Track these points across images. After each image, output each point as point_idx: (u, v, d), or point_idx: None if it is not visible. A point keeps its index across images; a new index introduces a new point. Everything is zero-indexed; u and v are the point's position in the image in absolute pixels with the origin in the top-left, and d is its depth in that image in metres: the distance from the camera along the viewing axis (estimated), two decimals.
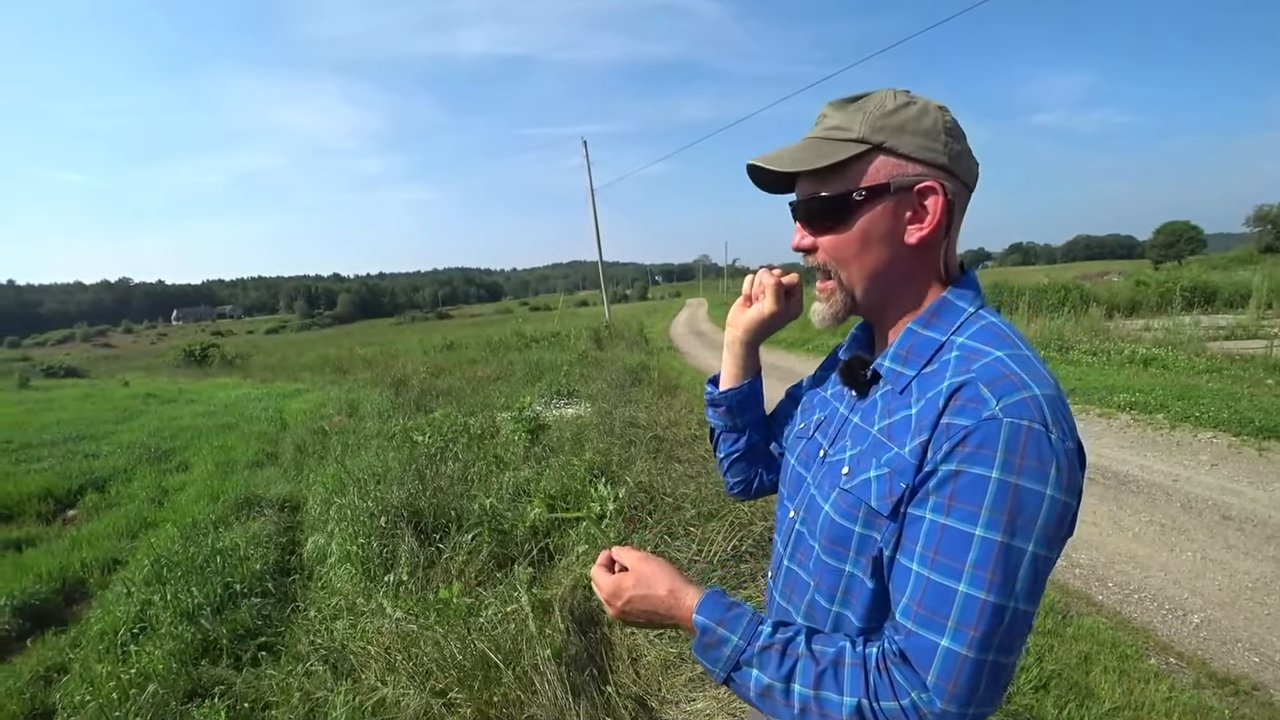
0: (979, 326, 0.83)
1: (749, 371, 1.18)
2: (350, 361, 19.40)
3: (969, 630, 0.70)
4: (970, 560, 0.70)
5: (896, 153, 0.82)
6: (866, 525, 0.82)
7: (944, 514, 0.73)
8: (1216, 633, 3.11)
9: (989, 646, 0.70)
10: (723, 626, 0.84)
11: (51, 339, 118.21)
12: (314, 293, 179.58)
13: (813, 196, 0.87)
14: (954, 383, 0.76)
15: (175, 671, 3.10)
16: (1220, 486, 4.69)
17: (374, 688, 2.65)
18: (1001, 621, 0.70)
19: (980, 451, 0.71)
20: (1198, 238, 60.12)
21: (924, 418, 0.77)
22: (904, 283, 0.88)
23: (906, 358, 0.85)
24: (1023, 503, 0.70)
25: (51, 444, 9.48)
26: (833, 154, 0.84)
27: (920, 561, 0.74)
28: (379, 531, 3.92)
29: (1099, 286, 18.48)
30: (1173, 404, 6.63)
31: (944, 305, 0.86)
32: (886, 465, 0.80)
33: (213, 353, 28.66)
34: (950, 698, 0.70)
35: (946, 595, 0.71)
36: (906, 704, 0.72)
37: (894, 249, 0.85)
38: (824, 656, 0.79)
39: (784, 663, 0.80)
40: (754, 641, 0.82)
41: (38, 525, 6.20)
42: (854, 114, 0.84)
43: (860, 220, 0.84)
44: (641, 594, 0.92)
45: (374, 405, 9.35)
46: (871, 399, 0.90)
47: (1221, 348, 9.23)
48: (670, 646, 2.77)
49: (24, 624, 4.21)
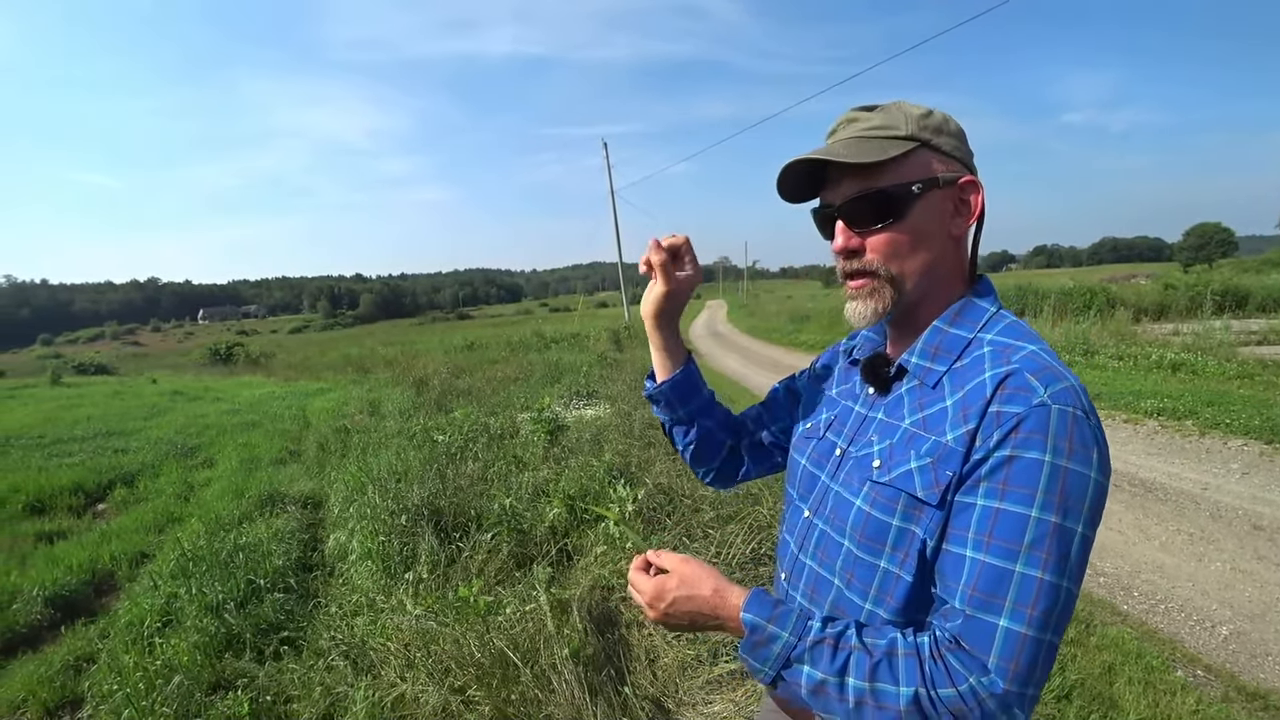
0: (1005, 325, 0.87)
1: (675, 358, 1.16)
2: (372, 361, 19.62)
3: (1027, 609, 0.72)
4: (1026, 541, 0.73)
5: (940, 150, 0.87)
6: (905, 518, 0.82)
7: (998, 498, 0.75)
8: (1246, 645, 3.04)
9: (1046, 626, 0.72)
10: (772, 624, 0.84)
11: (83, 337, 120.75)
12: (337, 293, 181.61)
13: (865, 192, 0.87)
14: (999, 372, 0.79)
15: (200, 664, 3.15)
16: (1251, 495, 4.59)
17: (393, 684, 2.68)
18: (1057, 600, 0.72)
19: (1033, 436, 0.74)
20: (1229, 240, 58.86)
21: (970, 406, 0.80)
22: (941, 279, 0.91)
23: (935, 354, 0.88)
24: (1072, 485, 0.73)
25: (82, 439, 9.69)
26: (886, 150, 0.85)
27: (974, 547, 0.76)
28: (399, 529, 3.96)
29: (1126, 289, 18.15)
30: (1202, 410, 6.51)
31: (968, 305, 0.90)
32: (929, 455, 0.81)
33: (238, 351, 29.15)
34: (1013, 677, 0.71)
35: (1003, 577, 0.73)
36: (965, 689, 0.72)
37: (941, 243, 0.89)
38: (877, 649, 0.78)
39: (837, 657, 0.79)
40: (805, 637, 0.82)
41: (69, 518, 6.34)
42: (892, 115, 0.88)
43: (916, 214, 0.86)
44: (686, 594, 0.91)
45: (395, 404, 9.45)
46: (895, 395, 0.91)
47: (1253, 353, 9.02)
48: (688, 648, 2.77)
49: (55, 614, 4.31)
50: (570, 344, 17.53)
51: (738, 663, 2.66)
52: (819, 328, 18.52)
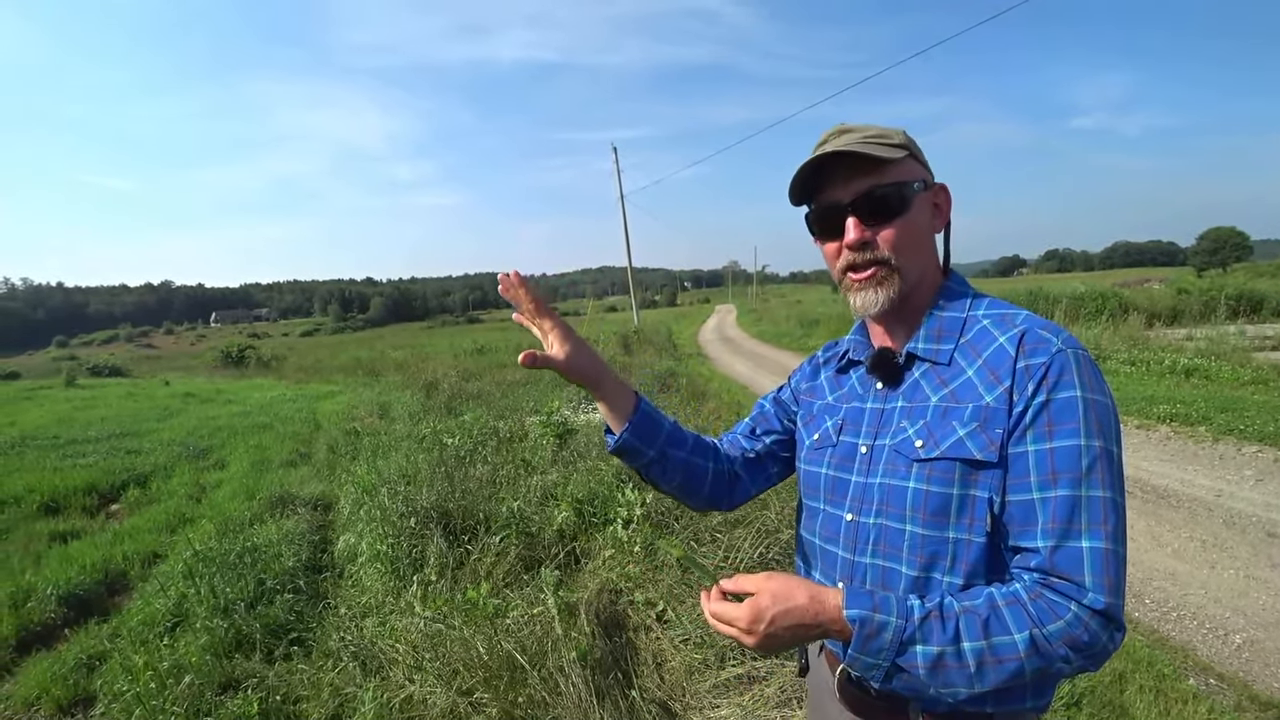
0: (988, 301, 0.99)
1: (622, 403, 1.09)
2: (382, 364, 19.73)
3: (1101, 526, 0.80)
4: (1084, 467, 0.81)
5: (919, 160, 1.00)
6: (964, 484, 0.88)
7: (1048, 439, 0.84)
8: (1260, 654, 3.01)
9: (1119, 538, 0.81)
10: (879, 612, 0.83)
11: (97, 339, 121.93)
12: (347, 296, 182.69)
13: (873, 189, 0.95)
14: (1013, 334, 0.89)
15: (210, 664, 3.18)
16: (1265, 503, 4.54)
17: (402, 685, 2.69)
18: (1120, 513, 0.82)
19: (1062, 379, 0.84)
20: (1243, 244, 58.24)
21: (998, 369, 0.89)
22: (929, 270, 1.01)
23: (940, 336, 0.97)
24: (1101, 412, 0.84)
25: (96, 440, 9.80)
26: (894, 152, 0.95)
27: (1040, 487, 0.83)
28: (408, 532, 3.98)
29: (1138, 294, 17.99)
30: (1216, 416, 6.44)
31: (949, 291, 1.01)
32: (973, 420, 0.88)
33: (249, 354, 29.37)
34: (1109, 589, 0.78)
35: (1074, 504, 0.81)
36: (1070, 618, 0.78)
37: (930, 237, 1.02)
38: (979, 608, 0.82)
39: (946, 626, 0.81)
40: (911, 617, 0.82)
41: (82, 518, 6.41)
42: (881, 129, 0.98)
43: (915, 210, 0.97)
44: (783, 609, 0.86)
45: (405, 407, 9.50)
46: (909, 382, 0.98)
47: (1268, 358, 8.92)
48: (695, 653, 2.77)
49: (68, 613, 4.35)
50: None
51: (745, 667, 2.65)
52: (828, 332, 18.46)
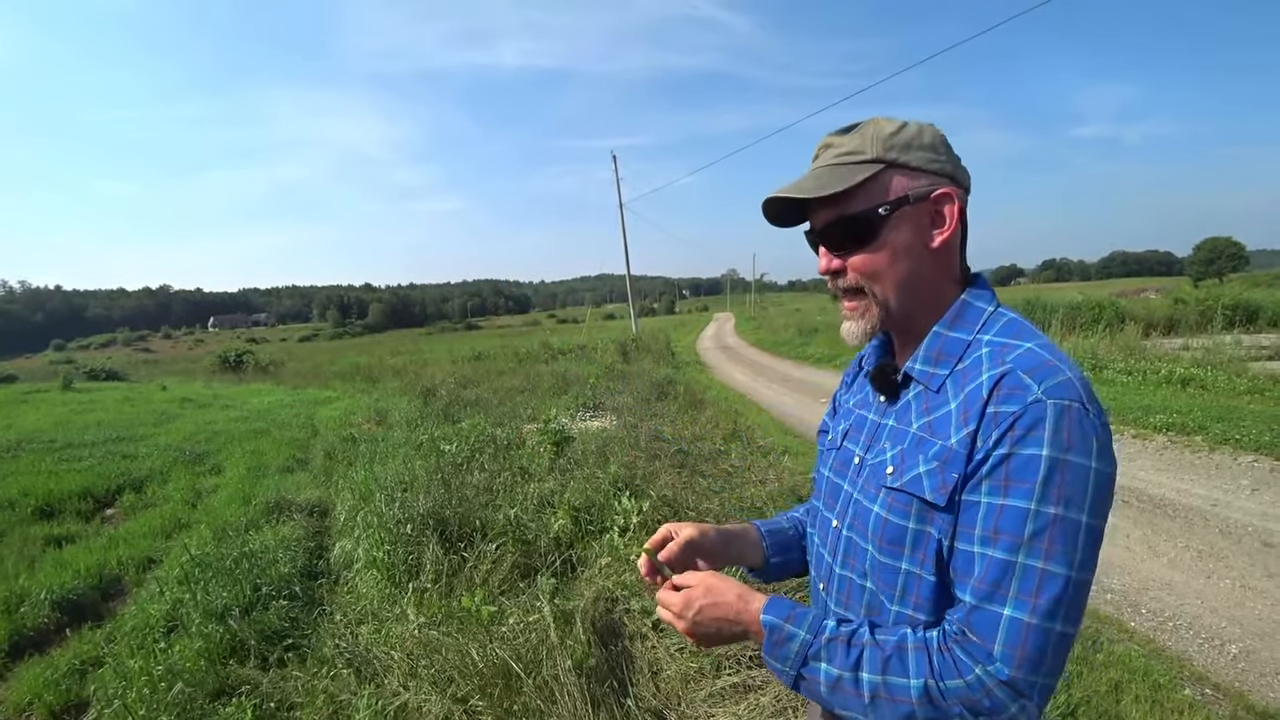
0: (1002, 323, 0.89)
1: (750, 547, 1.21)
2: (380, 370, 19.73)
3: (1030, 598, 0.74)
4: (1028, 533, 0.75)
5: (909, 167, 0.89)
6: (920, 520, 0.85)
7: (1001, 494, 0.77)
8: (1256, 664, 3.01)
9: (1053, 614, 0.74)
10: (790, 623, 0.88)
11: (95, 343, 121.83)
12: (346, 302, 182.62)
13: (837, 219, 0.91)
14: (994, 374, 0.82)
15: (204, 670, 3.16)
16: (1262, 512, 4.55)
17: (396, 693, 2.68)
18: (1063, 590, 0.74)
19: (1030, 434, 0.76)
20: (1240, 254, 58.50)
21: (969, 409, 0.82)
22: (930, 288, 0.93)
23: (938, 359, 0.91)
24: (1072, 476, 0.75)
25: (92, 444, 9.77)
26: (851, 176, 0.89)
27: (981, 542, 0.78)
28: (405, 538, 3.97)
29: (1135, 304, 18.05)
30: (1212, 426, 6.46)
31: (965, 307, 0.92)
32: (935, 459, 0.84)
33: (247, 359, 29.32)
34: (1018, 663, 0.74)
35: (1007, 568, 0.76)
36: (971, 679, 0.75)
37: (920, 257, 0.91)
38: (888, 644, 0.82)
39: (850, 653, 0.83)
40: (820, 635, 0.86)
41: (77, 523, 6.38)
42: (860, 138, 0.91)
43: (887, 234, 0.89)
44: (711, 602, 0.95)
45: (403, 414, 9.48)
46: (904, 401, 0.95)
47: (1264, 368, 8.95)
48: (691, 661, 2.76)
49: (62, 618, 4.33)
50: (577, 355, 17.56)
51: (741, 676, 2.65)
52: (827, 341, 18.49)
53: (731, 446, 6.32)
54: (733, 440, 6.69)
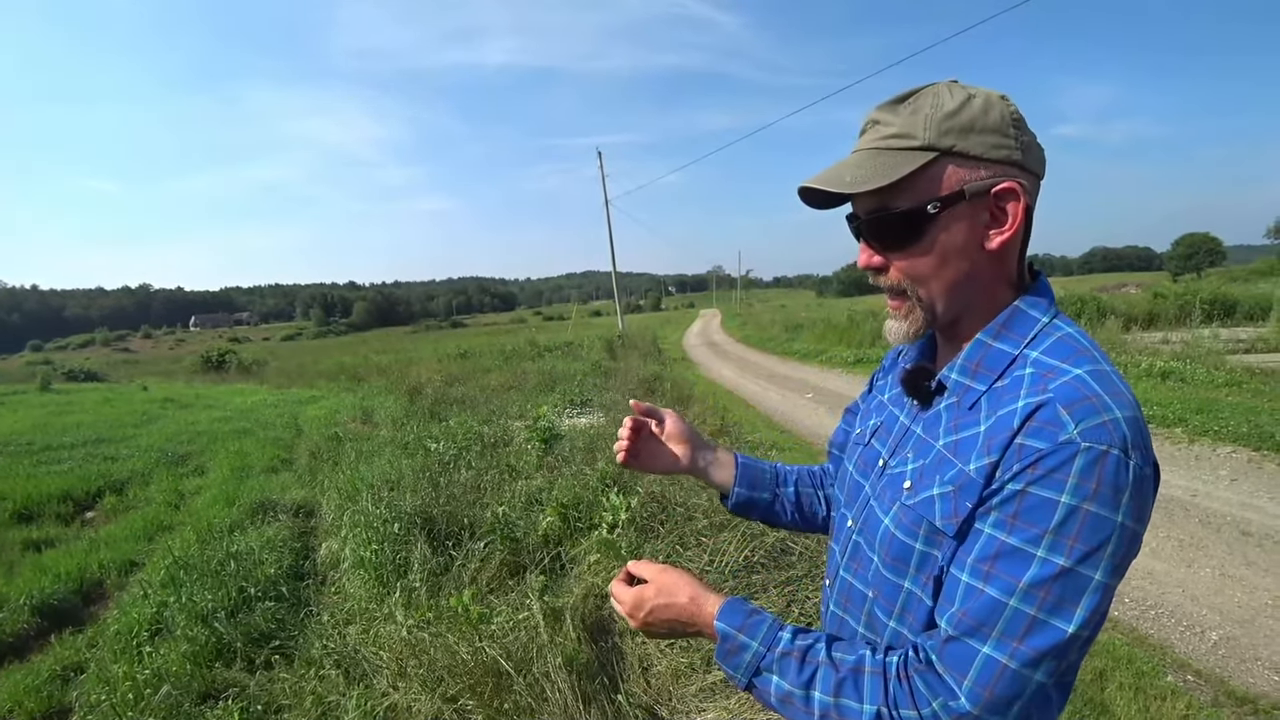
0: (1055, 339, 0.79)
1: (724, 466, 1.22)
2: (365, 369, 19.57)
3: (1014, 642, 0.68)
4: (1027, 580, 0.68)
5: (968, 155, 0.76)
6: (928, 543, 0.79)
7: (1005, 531, 0.71)
8: (1235, 650, 3.06)
9: (1034, 664, 0.68)
10: (743, 633, 0.84)
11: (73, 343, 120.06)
12: (330, 300, 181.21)
13: (880, 213, 0.80)
14: (1030, 403, 0.72)
15: (190, 673, 3.13)
16: (1240, 502, 4.63)
17: (385, 693, 2.67)
18: (1053, 643, 0.68)
19: (1052, 476, 0.68)
20: (1217, 250, 59.40)
21: (995, 437, 0.74)
22: (982, 292, 0.83)
23: (976, 371, 0.82)
24: (1089, 529, 0.67)
25: (72, 446, 9.61)
26: (898, 167, 0.77)
27: (972, 574, 0.72)
28: (392, 538, 3.95)
29: (1116, 298, 18.27)
30: (1191, 418, 6.55)
31: (1015, 315, 0.82)
32: (951, 483, 0.77)
33: (230, 359, 29.00)
34: (985, 705, 0.69)
35: (996, 608, 0.69)
36: (927, 713, 0.71)
37: (973, 259, 0.80)
38: (844, 664, 0.78)
39: (804, 670, 0.79)
40: (774, 648, 0.82)
41: (57, 526, 6.28)
42: (912, 117, 0.78)
43: (936, 234, 0.78)
44: (664, 603, 0.92)
45: (388, 412, 9.43)
46: (935, 410, 0.87)
47: (1241, 361, 9.09)
48: (681, 656, 2.77)
49: (43, 623, 4.27)
50: (564, 353, 17.54)
51: None
52: (813, 337, 18.56)
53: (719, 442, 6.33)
54: (721, 436, 6.71)
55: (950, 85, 0.79)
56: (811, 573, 3.30)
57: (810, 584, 3.21)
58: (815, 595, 3.10)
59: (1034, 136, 0.80)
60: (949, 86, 0.79)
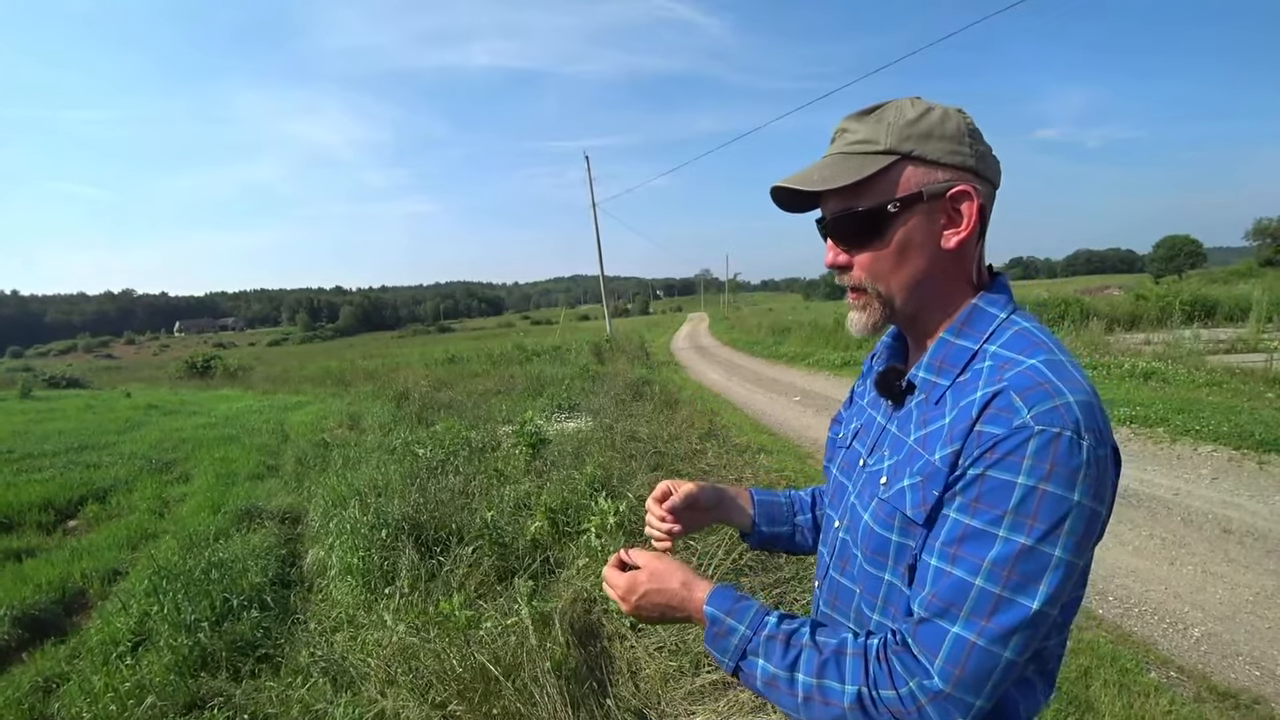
0: (1012, 333, 0.83)
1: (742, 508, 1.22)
2: (352, 374, 19.46)
3: (981, 620, 0.72)
4: (990, 558, 0.72)
5: (925, 160, 0.83)
6: (903, 534, 0.83)
7: (969, 514, 0.75)
8: (1217, 646, 3.10)
9: (1002, 641, 0.71)
10: (731, 617, 0.88)
11: (54, 349, 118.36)
12: (316, 305, 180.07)
13: (845, 213, 0.86)
14: (987, 392, 0.77)
15: (174, 684, 3.10)
16: (1221, 500, 4.69)
17: (374, 700, 2.65)
18: (1019, 620, 0.71)
19: (1008, 459, 0.72)
20: (1198, 251, 60.28)
21: (957, 426, 0.78)
22: (940, 290, 0.88)
23: (941, 368, 0.87)
24: (1050, 508, 0.71)
25: (53, 454, 9.48)
26: (862, 168, 0.83)
27: (940, 557, 0.76)
28: (380, 544, 3.92)
29: (1099, 300, 18.49)
30: (1173, 418, 6.63)
31: (975, 312, 0.87)
32: (919, 474, 0.82)
33: (215, 364, 28.71)
34: (955, 682, 0.72)
35: (963, 588, 0.73)
36: (905, 692, 0.74)
37: (931, 257, 0.86)
38: (826, 647, 0.81)
39: (788, 653, 0.83)
40: (760, 631, 0.85)
41: (38, 535, 6.20)
42: (876, 125, 0.84)
43: (896, 232, 0.84)
44: (656, 587, 0.95)
45: (375, 418, 9.37)
46: (907, 409, 0.91)
47: (1222, 361, 9.21)
48: (670, 660, 2.77)
49: (23, 634, 4.21)
50: (552, 357, 17.50)
51: (720, 673, 2.66)
52: (800, 340, 18.63)
53: (707, 445, 6.35)
54: (708, 439, 6.72)
55: (913, 100, 0.86)
56: (799, 575, 3.31)
57: (799, 586, 3.23)
58: (803, 598, 3.11)
59: (990, 148, 0.87)
60: (912, 101, 0.86)
